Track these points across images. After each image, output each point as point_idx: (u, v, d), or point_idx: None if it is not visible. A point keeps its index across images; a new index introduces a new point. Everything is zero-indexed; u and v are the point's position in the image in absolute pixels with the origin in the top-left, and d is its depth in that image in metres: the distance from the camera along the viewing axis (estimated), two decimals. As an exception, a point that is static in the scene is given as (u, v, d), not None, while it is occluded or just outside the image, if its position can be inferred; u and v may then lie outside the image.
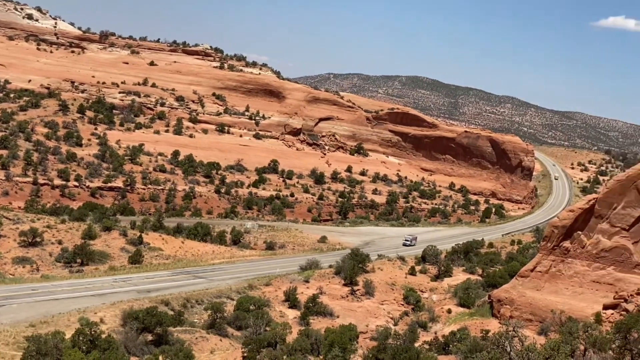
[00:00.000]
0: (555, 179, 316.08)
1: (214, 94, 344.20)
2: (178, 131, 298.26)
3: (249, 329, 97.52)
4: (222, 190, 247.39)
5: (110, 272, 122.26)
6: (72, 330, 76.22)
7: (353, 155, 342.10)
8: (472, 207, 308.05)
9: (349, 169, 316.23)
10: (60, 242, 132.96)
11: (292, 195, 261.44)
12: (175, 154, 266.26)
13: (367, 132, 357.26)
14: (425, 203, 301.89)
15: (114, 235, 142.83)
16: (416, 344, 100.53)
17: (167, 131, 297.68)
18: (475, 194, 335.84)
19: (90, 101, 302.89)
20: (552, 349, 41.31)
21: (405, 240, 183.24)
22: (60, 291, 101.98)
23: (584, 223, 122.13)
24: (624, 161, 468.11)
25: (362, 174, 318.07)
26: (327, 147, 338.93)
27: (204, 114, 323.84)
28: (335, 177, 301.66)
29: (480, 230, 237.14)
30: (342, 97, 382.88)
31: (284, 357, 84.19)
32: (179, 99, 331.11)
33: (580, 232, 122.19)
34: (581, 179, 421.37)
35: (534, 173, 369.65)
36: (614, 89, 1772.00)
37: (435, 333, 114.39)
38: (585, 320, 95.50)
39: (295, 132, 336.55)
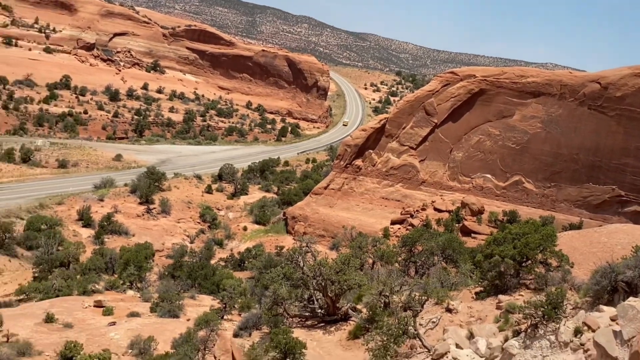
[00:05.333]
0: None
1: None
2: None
3: (40, 249, 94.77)
4: (10, 106, 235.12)
5: None
6: None
7: (149, 72, 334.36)
8: (269, 126, 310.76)
9: (145, 87, 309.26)
10: None
11: (85, 112, 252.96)
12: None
13: (164, 49, 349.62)
14: (222, 121, 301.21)
15: None
16: (212, 261, 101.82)
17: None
18: (272, 112, 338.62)
19: None
20: (343, 263, 43.02)
21: None
22: None
23: (375, 142, 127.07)
24: (413, 82, 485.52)
25: (159, 91, 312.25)
26: (122, 64, 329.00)
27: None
28: (131, 94, 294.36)
29: (277, 149, 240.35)
30: (137, 12, 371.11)
31: (77, 276, 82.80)
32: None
33: (371, 151, 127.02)
34: (373, 99, 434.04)
35: (329, 93, 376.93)
36: (405, 12, 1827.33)
37: (231, 250, 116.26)
38: (374, 235, 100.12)
39: (89, 47, 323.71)
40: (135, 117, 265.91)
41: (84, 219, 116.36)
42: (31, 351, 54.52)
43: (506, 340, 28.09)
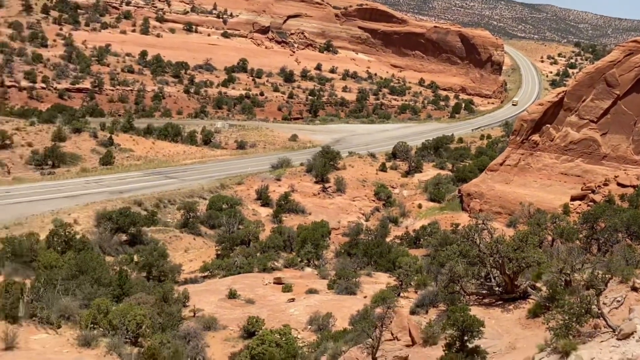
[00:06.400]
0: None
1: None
2: (145, 31, 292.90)
3: (222, 228, 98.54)
4: (192, 90, 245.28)
5: (82, 173, 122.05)
6: (46, 232, 76.41)
7: (322, 52, 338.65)
8: (442, 103, 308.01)
9: (318, 67, 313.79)
10: (30, 145, 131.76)
11: (262, 94, 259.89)
12: (143, 54, 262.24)
13: (336, 29, 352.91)
14: (395, 99, 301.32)
15: (84, 137, 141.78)
16: (387, 239, 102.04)
17: (133, 31, 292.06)
18: (445, 89, 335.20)
19: (54, 0, 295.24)
20: (521, 240, 42.02)
21: None
22: (32, 193, 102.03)
23: (553, 116, 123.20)
24: (593, 53, 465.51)
25: (332, 71, 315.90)
26: (296, 45, 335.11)
27: (170, 12, 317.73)
28: (304, 75, 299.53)
29: (450, 126, 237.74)
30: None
31: (257, 254, 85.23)
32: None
33: (549, 125, 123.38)
34: (550, 72, 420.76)
35: (504, 67, 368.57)
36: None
37: (406, 227, 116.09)
38: (553, 212, 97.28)
39: (264, 31, 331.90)
40: (310, 97, 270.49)
41: (263, 198, 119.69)
42: (216, 326, 56.76)
43: (699, 321, 26.62)
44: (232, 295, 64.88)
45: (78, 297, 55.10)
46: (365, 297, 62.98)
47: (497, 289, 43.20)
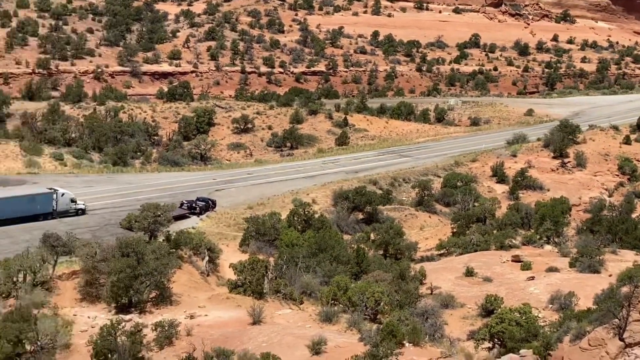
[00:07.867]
0: None
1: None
2: (376, 11, 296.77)
3: (457, 205, 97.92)
4: (423, 68, 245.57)
5: (319, 154, 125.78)
6: (286, 211, 79.44)
7: (559, 23, 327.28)
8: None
9: (554, 38, 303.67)
10: (270, 128, 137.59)
11: (495, 69, 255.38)
12: (375, 34, 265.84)
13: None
14: (639, 68, 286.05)
15: (320, 119, 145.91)
16: (634, 215, 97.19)
17: (365, 12, 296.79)
18: None
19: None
20: None
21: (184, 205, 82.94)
22: (273, 174, 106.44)
23: None
24: None
25: (570, 42, 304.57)
26: (530, 17, 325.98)
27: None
28: (540, 47, 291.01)
29: None
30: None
31: (494, 231, 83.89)
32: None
33: None
34: None
35: None
36: None
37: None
38: None
39: (496, 4, 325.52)
40: (546, 70, 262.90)
41: (498, 174, 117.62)
42: (454, 303, 56.60)
43: None
44: (469, 273, 64.45)
45: (318, 274, 57.20)
46: (610, 275, 60.38)
47: None
